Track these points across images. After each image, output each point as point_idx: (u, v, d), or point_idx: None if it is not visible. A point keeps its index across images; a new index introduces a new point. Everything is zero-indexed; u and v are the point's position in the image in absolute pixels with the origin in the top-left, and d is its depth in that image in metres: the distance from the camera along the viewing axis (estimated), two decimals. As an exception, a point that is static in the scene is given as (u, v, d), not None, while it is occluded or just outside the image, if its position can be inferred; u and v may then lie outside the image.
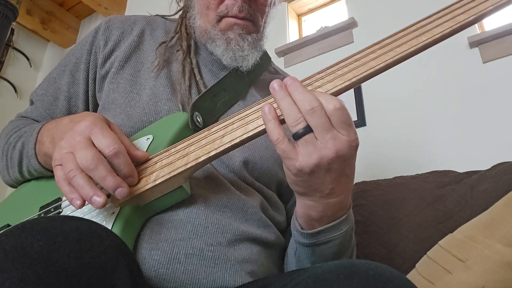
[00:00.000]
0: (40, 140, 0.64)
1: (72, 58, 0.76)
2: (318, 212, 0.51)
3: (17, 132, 0.72)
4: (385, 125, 1.38)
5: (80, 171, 0.49)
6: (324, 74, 0.52)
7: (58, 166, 0.51)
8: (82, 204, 0.49)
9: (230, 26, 0.69)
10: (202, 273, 0.53)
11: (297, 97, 0.47)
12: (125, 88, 0.69)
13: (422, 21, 0.52)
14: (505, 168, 0.87)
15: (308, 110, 0.45)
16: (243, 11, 0.68)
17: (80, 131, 0.52)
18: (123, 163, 0.51)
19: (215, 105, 0.69)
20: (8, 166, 0.71)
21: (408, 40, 0.50)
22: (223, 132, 0.53)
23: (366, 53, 0.51)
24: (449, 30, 0.50)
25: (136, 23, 0.78)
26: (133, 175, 0.52)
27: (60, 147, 0.52)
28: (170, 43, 0.75)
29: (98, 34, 0.75)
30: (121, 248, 0.40)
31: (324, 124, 0.45)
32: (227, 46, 0.70)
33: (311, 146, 0.45)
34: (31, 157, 0.64)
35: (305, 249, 0.57)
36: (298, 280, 0.42)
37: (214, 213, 0.59)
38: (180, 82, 0.69)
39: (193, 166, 0.53)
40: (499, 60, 1.24)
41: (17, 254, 0.33)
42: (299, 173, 0.47)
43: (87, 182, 0.48)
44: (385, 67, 0.50)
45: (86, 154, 0.49)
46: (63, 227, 0.37)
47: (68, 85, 0.74)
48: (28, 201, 0.67)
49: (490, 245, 0.61)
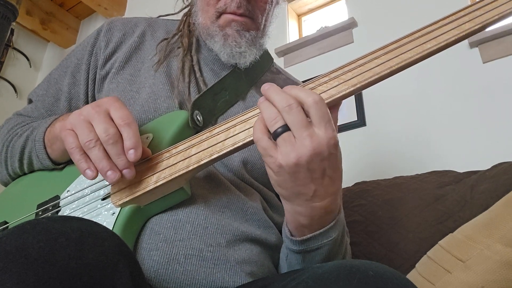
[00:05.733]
0: (53, 125, 0.63)
1: (74, 59, 0.76)
2: (305, 217, 0.50)
3: (24, 126, 0.72)
4: (385, 125, 1.38)
5: (99, 144, 0.49)
6: (328, 78, 0.51)
7: (70, 131, 0.51)
8: (95, 176, 0.50)
9: (229, 22, 0.69)
10: (201, 274, 0.53)
11: (274, 98, 0.47)
12: (125, 87, 0.69)
13: (427, 28, 0.51)
14: (505, 168, 0.87)
15: (285, 107, 0.45)
16: (241, 8, 0.68)
17: (100, 104, 0.53)
18: (132, 134, 0.51)
19: (216, 104, 0.68)
20: (7, 157, 0.70)
21: (413, 46, 0.50)
22: (225, 135, 0.53)
23: (370, 58, 0.51)
24: (454, 38, 0.49)
25: (138, 25, 0.78)
26: (136, 148, 0.51)
27: (79, 113, 0.52)
28: (172, 40, 0.75)
29: (99, 36, 0.76)
30: (121, 248, 0.40)
31: (301, 121, 0.45)
32: (224, 42, 0.69)
33: (289, 144, 0.45)
34: (38, 141, 0.64)
35: (296, 255, 0.57)
36: (298, 281, 0.42)
37: (214, 213, 0.59)
38: (179, 78, 0.69)
39: (195, 168, 0.53)
40: (499, 60, 1.24)
41: (18, 254, 0.33)
42: (280, 171, 0.46)
43: (105, 156, 0.49)
44: (390, 73, 0.50)
45: (108, 127, 0.50)
46: (64, 228, 0.37)
47: (69, 86, 0.74)
48: (25, 197, 0.66)
49: (490, 245, 0.61)
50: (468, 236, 0.65)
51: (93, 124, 0.51)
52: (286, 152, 0.45)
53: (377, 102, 1.41)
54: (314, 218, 0.51)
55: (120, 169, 0.50)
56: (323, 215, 0.51)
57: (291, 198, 0.49)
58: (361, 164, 1.36)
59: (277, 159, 0.46)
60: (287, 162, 0.45)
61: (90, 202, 0.57)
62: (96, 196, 0.57)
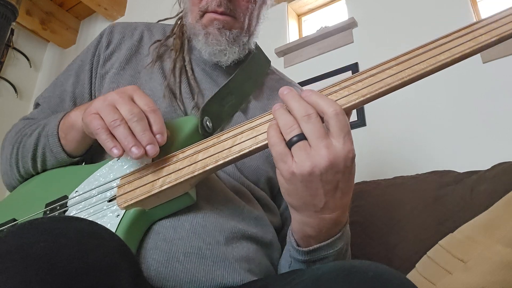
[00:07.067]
0: (67, 116, 0.65)
1: (78, 61, 0.80)
2: (313, 228, 0.50)
3: (33, 126, 0.73)
4: (385, 125, 1.38)
5: (124, 122, 0.52)
6: (338, 87, 0.51)
7: (95, 115, 0.54)
8: (121, 154, 0.52)
9: (211, 21, 0.70)
10: (201, 272, 0.53)
11: (293, 105, 0.47)
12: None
13: (442, 39, 0.50)
14: (505, 168, 0.87)
15: (304, 116, 0.45)
16: (222, 6, 0.69)
17: (123, 90, 0.56)
18: (158, 120, 0.54)
19: (223, 108, 0.70)
20: (18, 158, 0.71)
21: (426, 58, 0.49)
22: (231, 142, 0.53)
23: (382, 69, 0.50)
24: (469, 50, 0.48)
25: (137, 28, 0.81)
26: (163, 132, 0.54)
27: (103, 99, 0.54)
28: (165, 42, 0.78)
29: (102, 38, 0.79)
30: (123, 249, 0.40)
31: (319, 131, 0.45)
32: (206, 40, 0.71)
33: (304, 153, 0.44)
34: (51, 136, 0.65)
35: (300, 264, 0.57)
36: (298, 281, 0.42)
37: (211, 212, 0.59)
38: (169, 78, 0.71)
39: (200, 174, 0.53)
40: (499, 60, 1.24)
41: (20, 254, 0.33)
42: (292, 179, 0.46)
43: (130, 133, 0.52)
44: (402, 84, 0.49)
45: (131, 107, 0.53)
46: (66, 228, 0.37)
47: (73, 86, 0.77)
48: (34, 196, 0.67)
49: (490, 246, 0.61)
50: (468, 236, 0.65)
51: (117, 107, 0.53)
52: (301, 160, 0.44)
53: (377, 102, 1.40)
54: (322, 230, 0.50)
55: (144, 144, 0.52)
56: (332, 227, 0.51)
57: (301, 208, 0.49)
58: (361, 164, 1.35)
59: (290, 166, 0.45)
60: (301, 171, 0.44)
61: (96, 203, 0.58)
62: (103, 198, 0.58)
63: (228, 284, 0.54)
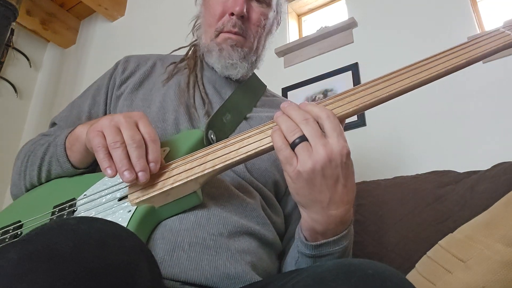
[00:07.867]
0: (76, 128, 0.68)
1: (94, 86, 0.86)
2: (321, 224, 0.54)
3: (47, 136, 0.77)
4: (385, 125, 1.38)
5: (124, 146, 0.55)
6: (333, 100, 0.58)
7: (99, 132, 0.57)
8: (114, 174, 0.55)
9: (225, 39, 0.80)
10: (204, 260, 0.57)
11: (292, 113, 0.54)
12: (137, 104, 0.78)
13: (424, 61, 0.61)
14: (505, 168, 0.87)
15: (302, 120, 0.52)
16: (236, 27, 0.79)
17: (131, 115, 0.59)
18: (156, 150, 0.58)
19: (224, 124, 0.77)
20: (27, 167, 0.73)
21: (409, 76, 0.61)
22: (239, 145, 0.58)
23: (372, 85, 0.61)
24: (444, 70, 0.61)
25: (150, 59, 0.90)
26: (157, 162, 0.58)
27: (111, 119, 0.58)
28: (180, 64, 0.87)
29: (118, 66, 0.87)
30: (142, 248, 0.42)
31: (316, 131, 0.51)
32: (219, 55, 0.80)
33: (306, 153, 0.50)
34: (59, 145, 0.68)
35: (307, 259, 0.60)
36: (298, 279, 0.42)
37: (216, 206, 0.63)
38: (184, 91, 0.80)
39: (209, 172, 0.57)
40: (499, 60, 1.24)
41: (47, 254, 0.34)
42: (298, 178, 0.51)
43: (126, 157, 0.55)
44: (388, 97, 0.62)
45: (134, 133, 0.57)
46: (90, 229, 0.39)
47: (89, 107, 0.83)
48: (41, 200, 0.69)
49: (490, 245, 0.61)
50: (468, 236, 0.65)
51: (121, 130, 0.57)
52: (304, 159, 0.50)
53: (377, 102, 1.41)
54: (330, 226, 0.55)
55: (137, 170, 0.55)
56: (338, 224, 0.55)
57: (309, 205, 0.54)
58: (361, 164, 1.35)
59: (296, 167, 0.51)
60: (304, 169, 0.50)
61: (106, 202, 0.60)
62: (113, 198, 0.60)
63: (230, 273, 0.58)
